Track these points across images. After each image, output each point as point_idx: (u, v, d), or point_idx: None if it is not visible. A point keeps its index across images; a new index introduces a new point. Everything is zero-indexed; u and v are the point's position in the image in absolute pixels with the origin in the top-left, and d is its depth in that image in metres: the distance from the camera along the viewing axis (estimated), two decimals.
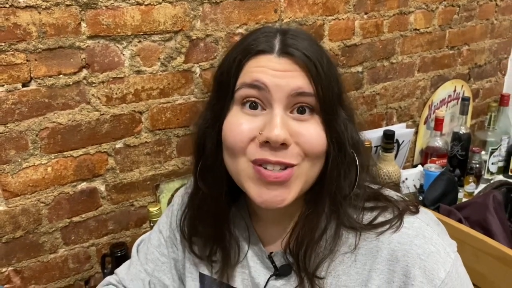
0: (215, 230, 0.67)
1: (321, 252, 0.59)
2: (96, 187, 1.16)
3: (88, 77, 1.07)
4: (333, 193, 0.59)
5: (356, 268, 0.59)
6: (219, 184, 0.63)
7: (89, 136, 1.11)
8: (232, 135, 0.57)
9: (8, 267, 1.09)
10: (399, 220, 0.58)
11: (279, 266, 0.65)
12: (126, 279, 0.78)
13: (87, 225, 1.17)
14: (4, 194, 1.04)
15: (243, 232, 0.69)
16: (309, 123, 0.57)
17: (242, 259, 0.68)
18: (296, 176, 0.57)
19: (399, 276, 0.56)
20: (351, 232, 0.60)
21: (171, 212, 0.79)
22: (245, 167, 0.58)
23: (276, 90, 0.55)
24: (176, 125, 1.23)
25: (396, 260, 0.57)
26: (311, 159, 0.57)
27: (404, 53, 1.61)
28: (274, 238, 0.66)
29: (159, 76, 1.16)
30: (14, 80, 0.99)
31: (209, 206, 0.65)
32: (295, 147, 0.56)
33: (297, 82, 0.56)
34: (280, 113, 0.55)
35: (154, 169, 1.23)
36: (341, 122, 0.59)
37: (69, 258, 1.17)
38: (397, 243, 0.57)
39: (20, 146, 1.03)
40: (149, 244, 0.79)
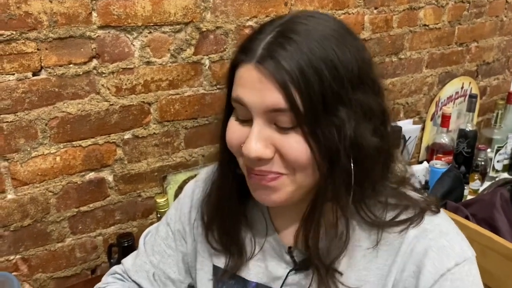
0: (231, 223, 0.68)
1: (337, 246, 0.59)
2: (104, 177, 1.16)
3: (98, 67, 1.06)
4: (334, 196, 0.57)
5: (377, 264, 0.60)
6: (236, 180, 0.64)
7: (98, 126, 1.11)
8: (227, 140, 0.59)
9: (16, 255, 1.10)
10: (421, 218, 0.59)
11: (298, 261, 0.64)
12: (131, 269, 0.78)
13: (94, 215, 1.18)
14: (13, 183, 1.04)
15: (260, 226, 0.68)
16: (290, 137, 0.54)
17: (258, 253, 0.68)
18: (287, 183, 0.56)
19: (411, 266, 0.57)
20: (374, 228, 0.60)
21: (180, 204, 0.78)
22: (243, 167, 0.60)
23: (253, 107, 0.53)
24: (185, 117, 1.23)
25: (411, 252, 0.57)
26: (299, 170, 0.55)
27: (413, 49, 1.61)
28: (291, 232, 0.66)
29: (169, 67, 1.16)
30: (25, 69, 0.98)
31: (226, 197, 0.66)
32: (278, 159, 0.55)
33: (272, 98, 0.52)
34: (259, 127, 0.54)
35: (162, 160, 1.23)
36: (333, 128, 0.52)
37: (76, 247, 1.18)
38: (414, 237, 0.57)
39: (30, 135, 1.03)
40: (157, 236, 0.79)
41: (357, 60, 0.54)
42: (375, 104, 0.56)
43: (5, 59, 0.96)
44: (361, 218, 0.59)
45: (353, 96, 0.54)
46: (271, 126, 0.55)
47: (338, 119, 0.53)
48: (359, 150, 0.55)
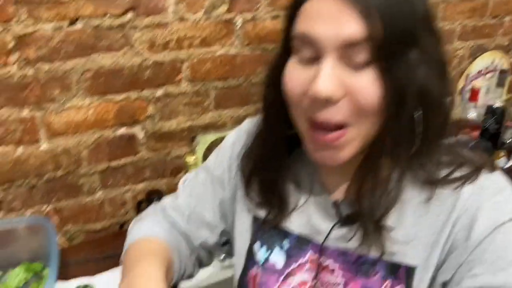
0: (276, 179, 0.66)
1: (387, 201, 0.57)
2: (135, 133, 1.16)
3: (133, 20, 1.06)
4: (396, 148, 0.55)
5: (429, 220, 0.58)
6: (284, 133, 0.62)
7: (131, 81, 1.11)
8: (286, 87, 0.56)
9: (48, 205, 1.12)
10: (476, 175, 0.57)
11: (343, 215, 0.63)
12: (169, 208, 0.78)
13: (124, 171, 1.18)
14: (47, 133, 1.06)
15: (305, 178, 0.67)
16: (364, 75, 0.51)
17: (301, 205, 0.67)
18: (352, 138, 0.54)
19: (464, 220, 0.56)
20: (426, 185, 0.58)
21: (221, 152, 0.77)
22: (302, 123, 0.56)
23: (326, 42, 0.50)
24: (215, 77, 1.22)
25: (465, 208, 0.56)
26: (366, 116, 0.52)
27: (446, 19, 1.57)
28: (338, 186, 0.64)
29: (202, 24, 1.15)
30: (61, 18, 0.98)
31: (272, 154, 0.65)
32: (347, 102, 0.52)
33: (349, 29, 0.49)
34: (330, 66, 0.51)
35: (192, 120, 1.23)
36: (407, 68, 0.51)
37: (105, 202, 1.19)
38: (470, 193, 0.56)
39: (65, 85, 1.04)
40: (195, 180, 0.78)
41: (426, 4, 0.53)
42: (441, 52, 0.55)
43: (43, 6, 0.96)
44: (414, 174, 0.57)
45: (424, 39, 0.52)
46: (343, 65, 0.51)
47: (411, 59, 0.51)
48: (426, 97, 0.53)
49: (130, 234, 0.75)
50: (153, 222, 0.76)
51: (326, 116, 0.52)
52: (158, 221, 0.76)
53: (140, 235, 0.71)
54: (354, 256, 0.62)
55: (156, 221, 0.76)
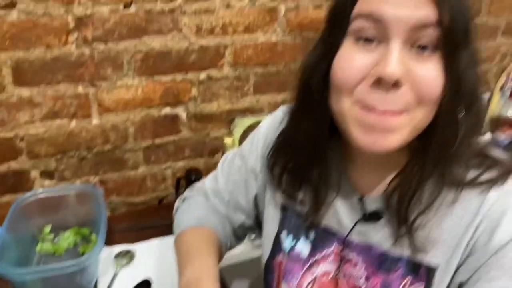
0: (307, 170, 0.65)
1: (422, 204, 0.57)
2: (178, 113, 1.23)
3: (182, 5, 1.11)
4: (442, 145, 0.54)
5: (452, 222, 0.57)
6: (320, 124, 0.60)
7: (177, 64, 1.17)
8: (341, 72, 0.54)
9: (95, 177, 1.20)
10: (504, 179, 0.55)
11: (368, 212, 0.63)
12: (210, 193, 0.83)
13: (166, 149, 1.25)
14: (99, 109, 1.13)
15: (334, 173, 0.66)
16: (429, 62, 0.51)
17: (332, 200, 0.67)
18: (405, 124, 0.52)
19: (487, 224, 0.55)
20: (452, 187, 0.56)
21: (255, 140, 0.79)
22: (350, 108, 0.54)
23: (395, 23, 0.49)
24: (256, 63, 1.26)
25: (489, 212, 0.55)
26: (424, 105, 0.52)
27: (491, 14, 1.55)
28: (369, 184, 0.64)
29: (246, 11, 1.19)
30: (118, 1, 1.05)
31: (304, 144, 0.63)
32: (408, 90, 0.51)
33: (422, 11, 0.49)
34: (397, 48, 0.50)
35: (231, 103, 1.28)
36: (463, 64, 0.51)
37: (147, 177, 1.27)
38: (495, 198, 0.55)
39: (117, 65, 1.11)
40: (232, 165, 0.81)
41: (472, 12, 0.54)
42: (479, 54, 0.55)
43: None
44: (442, 176, 0.56)
45: (474, 41, 0.54)
46: (408, 51, 0.51)
47: (467, 55, 0.52)
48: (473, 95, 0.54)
49: (179, 220, 0.80)
50: (200, 210, 0.80)
51: (387, 107, 0.51)
52: (204, 208, 0.81)
53: (190, 223, 0.77)
54: (377, 252, 0.62)
55: (202, 207, 0.81)
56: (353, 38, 0.53)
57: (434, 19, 0.49)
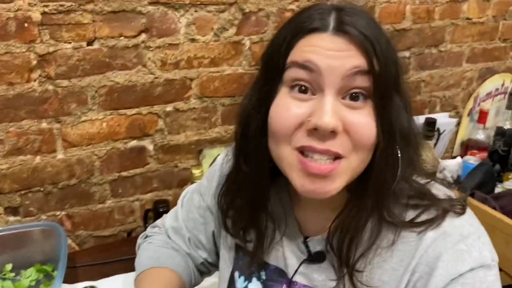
0: (252, 212, 0.65)
1: (362, 245, 0.58)
2: (145, 146, 1.23)
3: (146, 41, 1.13)
4: (379, 186, 0.55)
5: (392, 264, 0.58)
6: (261, 168, 0.60)
7: (142, 97, 1.18)
8: (278, 120, 0.55)
9: (61, 211, 1.19)
10: (441, 220, 0.56)
11: (313, 252, 0.64)
12: (171, 231, 0.82)
13: (133, 181, 1.25)
14: (63, 144, 1.14)
15: (280, 213, 0.67)
16: (361, 112, 0.53)
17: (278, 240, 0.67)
18: (343, 170, 0.54)
19: (424, 268, 0.55)
20: (392, 228, 0.57)
21: (211, 176, 0.79)
22: (288, 155, 0.55)
23: (329, 73, 0.51)
24: (223, 94, 1.28)
25: (426, 255, 0.55)
26: (359, 151, 0.53)
27: (454, 42, 1.60)
28: (313, 224, 0.65)
29: (211, 45, 1.22)
30: (80, 39, 1.07)
31: (248, 188, 0.63)
32: (344, 136, 0.52)
33: (353, 62, 0.51)
34: (331, 99, 0.52)
35: (199, 134, 1.29)
36: (395, 110, 0.54)
37: (115, 210, 1.26)
38: (432, 239, 0.56)
39: (81, 100, 1.12)
40: (191, 203, 0.81)
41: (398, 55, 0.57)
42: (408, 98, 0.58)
43: (64, 28, 1.04)
44: (382, 216, 0.57)
45: (402, 85, 0.57)
46: (341, 101, 0.53)
47: (397, 102, 0.55)
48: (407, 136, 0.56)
49: (140, 258, 0.80)
50: (161, 249, 0.80)
51: (325, 147, 0.52)
52: (165, 247, 0.81)
53: (151, 264, 0.77)
54: None
55: (163, 246, 0.81)
56: (288, 86, 0.55)
57: (365, 68, 0.52)
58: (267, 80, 0.57)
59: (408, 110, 0.57)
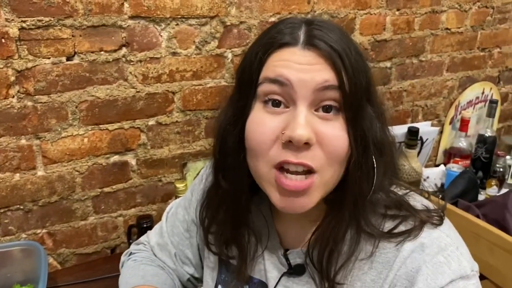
0: (233, 227, 0.66)
1: (341, 257, 0.58)
2: (128, 160, 1.22)
3: (127, 55, 1.12)
4: (355, 197, 0.56)
5: (372, 276, 0.58)
6: (240, 184, 0.60)
7: (124, 112, 1.17)
8: (254, 136, 0.55)
9: (42, 229, 1.17)
10: (419, 231, 0.56)
11: (293, 265, 0.64)
12: (156, 248, 0.81)
13: (116, 196, 1.24)
14: (44, 160, 1.11)
15: (262, 226, 0.67)
16: (334, 123, 0.54)
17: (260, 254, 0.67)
18: (317, 185, 0.54)
19: (403, 281, 0.55)
20: (370, 239, 0.58)
21: (195, 191, 0.79)
22: (266, 171, 0.55)
23: (300, 86, 0.53)
24: (206, 107, 1.28)
25: (405, 267, 0.55)
26: (332, 164, 0.54)
27: (434, 52, 1.62)
28: (293, 237, 0.65)
29: (193, 58, 1.21)
30: (60, 54, 1.05)
31: (228, 203, 0.64)
32: (318, 149, 0.53)
33: (323, 75, 0.52)
34: (304, 111, 0.53)
35: (183, 148, 1.28)
36: (367, 120, 0.55)
37: (98, 226, 1.24)
38: (409, 251, 0.56)
39: (61, 116, 1.10)
40: (176, 217, 0.81)
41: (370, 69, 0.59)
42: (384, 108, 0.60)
43: (43, 43, 1.03)
44: (360, 227, 0.58)
45: (374, 95, 0.58)
46: (313, 113, 0.54)
47: (369, 113, 0.56)
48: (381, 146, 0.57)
49: (124, 276, 0.78)
50: (146, 267, 0.79)
51: (300, 160, 0.53)
52: (150, 264, 0.80)
53: (135, 282, 0.75)
54: None
55: (148, 264, 0.80)
56: (262, 101, 0.56)
57: (335, 83, 0.53)
58: (242, 95, 0.58)
59: (382, 119, 0.58)
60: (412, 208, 0.59)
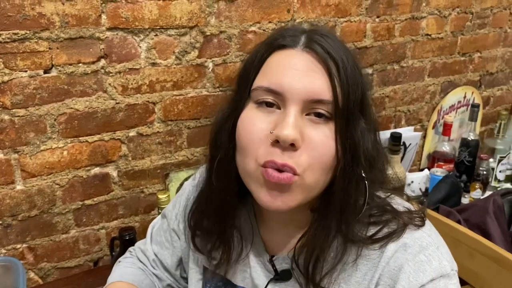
0: (219, 226, 0.67)
1: (327, 263, 0.59)
2: (109, 172, 1.21)
3: (105, 66, 1.12)
4: (342, 205, 0.57)
5: (357, 278, 0.59)
6: (228, 180, 0.62)
7: (104, 123, 1.16)
8: (244, 134, 0.57)
9: (22, 244, 1.15)
10: (401, 232, 0.58)
11: (279, 270, 0.65)
12: (139, 252, 0.85)
13: (98, 209, 1.22)
14: (22, 174, 1.10)
15: (247, 232, 0.68)
16: (323, 129, 0.55)
17: (244, 258, 0.68)
18: (299, 185, 0.55)
19: (386, 280, 0.57)
20: (355, 244, 0.59)
21: (177, 202, 0.81)
22: (253, 170, 0.57)
23: (293, 94, 0.54)
24: (188, 117, 1.27)
25: (388, 267, 0.57)
26: (317, 168, 0.55)
27: (415, 58, 1.64)
28: (278, 243, 0.66)
29: (173, 69, 1.21)
30: (37, 67, 1.04)
31: (217, 200, 0.65)
32: (303, 152, 0.54)
33: (316, 86, 0.54)
34: (294, 113, 0.54)
35: (165, 158, 1.28)
36: (358, 131, 0.56)
37: (80, 239, 1.22)
38: (393, 251, 0.57)
39: (39, 129, 1.09)
40: (159, 227, 0.84)
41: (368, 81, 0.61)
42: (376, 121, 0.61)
43: (19, 57, 1.02)
44: (344, 234, 0.59)
45: (368, 109, 0.59)
46: (304, 117, 0.55)
47: (361, 125, 0.57)
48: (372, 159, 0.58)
49: (109, 278, 0.81)
50: (127, 268, 0.82)
51: (285, 161, 0.54)
52: (131, 266, 0.82)
53: (114, 279, 0.78)
54: None
55: (130, 266, 0.82)
56: (255, 101, 0.57)
57: (326, 97, 0.54)
58: (238, 93, 0.61)
59: (374, 132, 0.60)
60: (395, 210, 0.61)
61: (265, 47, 0.59)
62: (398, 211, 0.60)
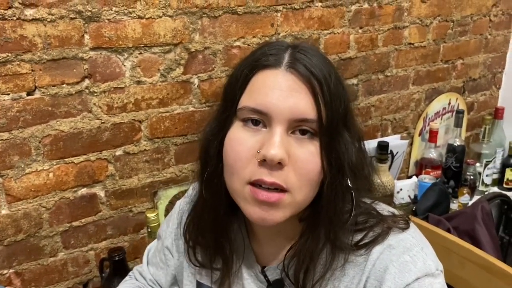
0: (214, 239, 0.68)
1: (317, 272, 0.60)
2: (96, 193, 1.19)
3: (90, 86, 1.11)
4: (330, 216, 0.59)
5: (345, 282, 0.61)
6: (220, 194, 0.63)
7: (90, 144, 1.15)
8: (232, 153, 0.58)
9: (9, 269, 1.13)
10: (386, 235, 0.60)
11: (272, 281, 0.66)
12: (136, 273, 0.88)
13: (86, 230, 1.21)
14: (7, 198, 1.08)
15: (239, 245, 0.70)
16: (308, 146, 0.56)
17: (237, 271, 0.70)
18: (288, 203, 0.57)
19: (373, 282, 0.58)
20: (343, 251, 0.61)
21: (170, 220, 0.82)
22: (241, 188, 0.58)
23: (278, 114, 0.55)
24: (175, 134, 1.27)
25: (374, 268, 0.58)
26: (303, 186, 0.56)
27: (399, 67, 1.65)
28: (269, 255, 0.67)
29: (159, 86, 1.21)
30: (19, 89, 1.03)
31: (209, 214, 0.66)
32: (291, 171, 0.55)
33: (300, 106, 0.55)
34: (280, 132, 0.55)
35: (153, 176, 1.27)
36: (342, 145, 0.58)
37: (68, 262, 1.20)
38: (378, 253, 0.59)
39: (24, 152, 1.07)
40: (154, 249, 0.86)
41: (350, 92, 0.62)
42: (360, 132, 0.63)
43: (1, 80, 1.01)
44: (334, 244, 0.60)
45: (351, 121, 0.61)
46: (289, 135, 0.56)
47: (346, 138, 0.58)
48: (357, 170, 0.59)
49: None
50: (125, 285, 0.85)
51: (273, 179, 0.55)
52: (129, 285, 0.85)
53: None
54: None
55: (128, 285, 0.85)
56: (241, 119, 0.59)
57: (311, 116, 0.55)
58: (224, 110, 0.61)
59: (359, 143, 0.61)
60: (380, 214, 0.62)
61: (249, 66, 0.59)
62: (383, 215, 0.62)
